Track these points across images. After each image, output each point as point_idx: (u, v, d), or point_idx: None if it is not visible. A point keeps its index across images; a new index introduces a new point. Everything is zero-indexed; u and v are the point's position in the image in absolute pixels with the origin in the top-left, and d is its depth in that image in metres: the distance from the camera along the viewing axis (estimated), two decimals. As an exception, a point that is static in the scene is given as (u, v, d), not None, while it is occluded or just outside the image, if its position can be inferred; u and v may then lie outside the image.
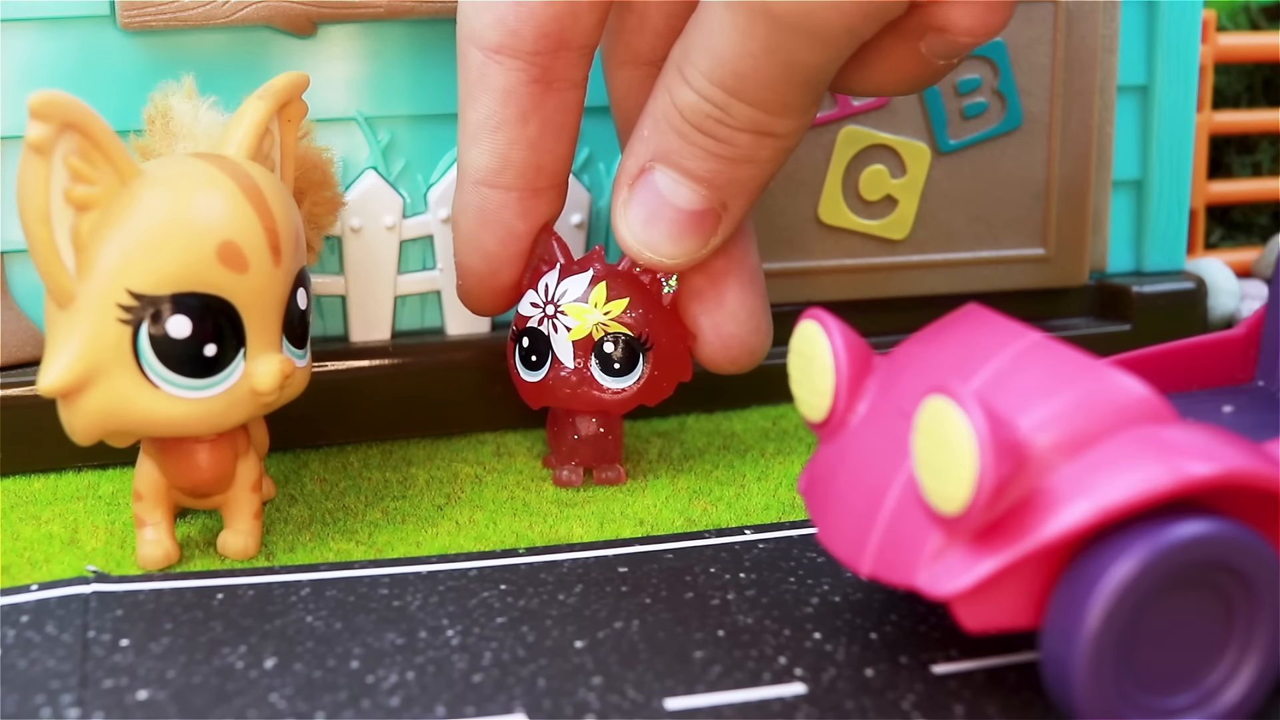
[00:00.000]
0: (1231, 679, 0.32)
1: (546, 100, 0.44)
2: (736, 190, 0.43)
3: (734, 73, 0.39)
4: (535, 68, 0.44)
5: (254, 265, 0.39)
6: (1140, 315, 0.59)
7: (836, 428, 0.36)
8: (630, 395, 0.46)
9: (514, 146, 0.44)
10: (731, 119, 0.41)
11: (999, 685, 0.35)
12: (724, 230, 0.43)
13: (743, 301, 0.47)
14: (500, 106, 0.44)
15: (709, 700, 0.34)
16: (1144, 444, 0.31)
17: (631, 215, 0.43)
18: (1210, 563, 0.31)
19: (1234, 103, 0.77)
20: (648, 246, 0.43)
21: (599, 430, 0.47)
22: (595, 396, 0.46)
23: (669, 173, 0.42)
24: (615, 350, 0.45)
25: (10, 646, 0.36)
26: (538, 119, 0.44)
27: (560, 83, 0.44)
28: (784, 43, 0.38)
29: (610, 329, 0.45)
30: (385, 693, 0.34)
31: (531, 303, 0.46)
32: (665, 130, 0.42)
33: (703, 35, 0.40)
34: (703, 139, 0.41)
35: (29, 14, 0.47)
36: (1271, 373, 0.41)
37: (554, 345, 0.46)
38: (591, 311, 0.45)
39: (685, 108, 0.41)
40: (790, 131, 0.41)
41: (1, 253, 0.48)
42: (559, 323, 0.46)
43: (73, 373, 0.37)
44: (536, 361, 0.46)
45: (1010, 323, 0.36)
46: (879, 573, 0.33)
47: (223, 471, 0.41)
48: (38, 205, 0.36)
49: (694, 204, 0.43)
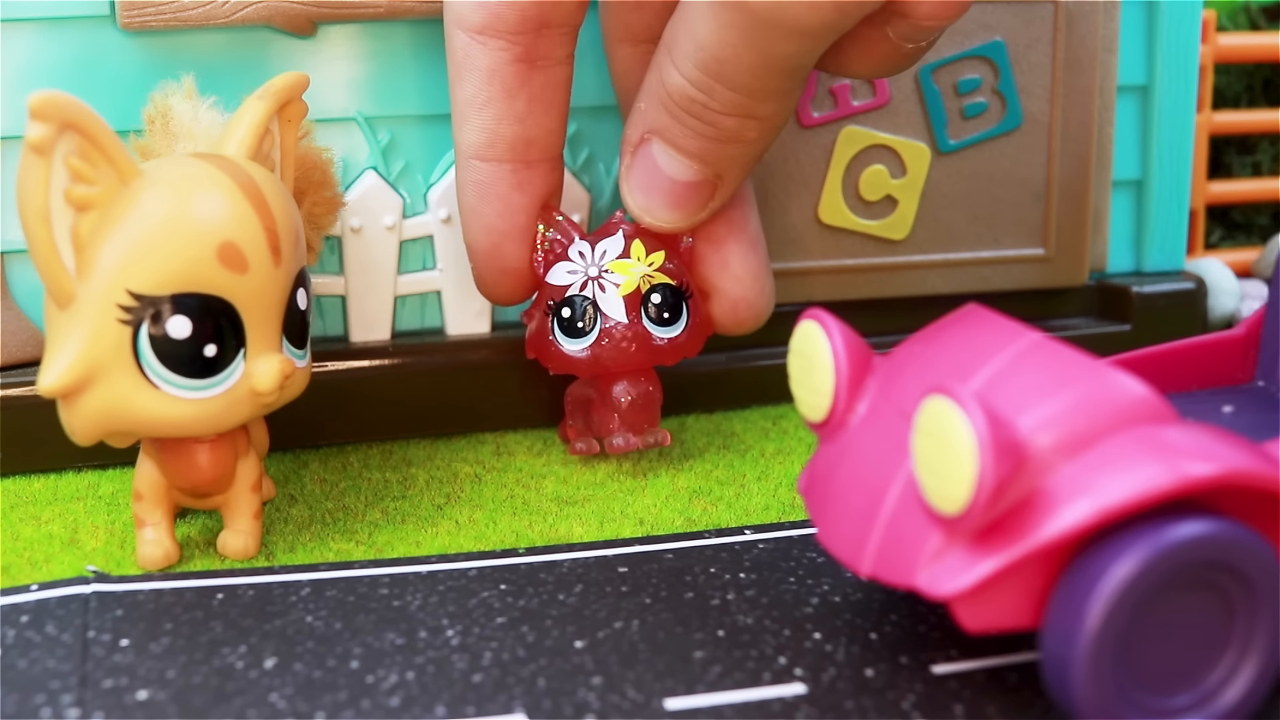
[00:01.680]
0: (1231, 679, 0.32)
1: (532, 77, 0.45)
2: (728, 164, 0.45)
3: (716, 58, 0.41)
4: (518, 47, 0.45)
5: (254, 265, 0.39)
6: (1140, 315, 0.59)
7: (836, 428, 0.36)
8: (680, 343, 0.47)
9: (502, 122, 0.46)
10: (715, 103, 0.42)
11: (999, 685, 0.35)
12: (720, 197, 0.46)
13: (746, 265, 0.48)
14: (486, 85, 0.45)
15: (709, 700, 0.34)
16: (1144, 444, 0.31)
17: (633, 181, 0.46)
18: (1210, 563, 0.31)
19: (1234, 103, 0.77)
20: (647, 212, 0.46)
21: (648, 389, 0.48)
22: (653, 347, 0.47)
23: (663, 146, 0.44)
24: (663, 300, 0.47)
25: (10, 646, 0.36)
26: (524, 95, 0.46)
27: (544, 60, 0.45)
28: (761, 35, 0.40)
29: (656, 279, 0.47)
30: (385, 693, 0.34)
31: (569, 271, 0.47)
32: (658, 107, 0.44)
33: (687, 23, 0.41)
34: (691, 120, 0.43)
35: (29, 14, 0.47)
36: (1271, 373, 0.41)
37: (602, 305, 0.46)
38: (636, 265, 0.46)
39: (673, 90, 0.43)
40: (774, 113, 0.43)
41: (1, 253, 0.48)
42: (605, 281, 0.46)
43: (72, 373, 0.37)
44: (582, 329, 0.47)
45: (1010, 323, 0.36)
46: (879, 573, 0.33)
47: (223, 472, 0.41)
48: (38, 205, 0.36)
49: (687, 175, 0.45)
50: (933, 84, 0.55)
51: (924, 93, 0.55)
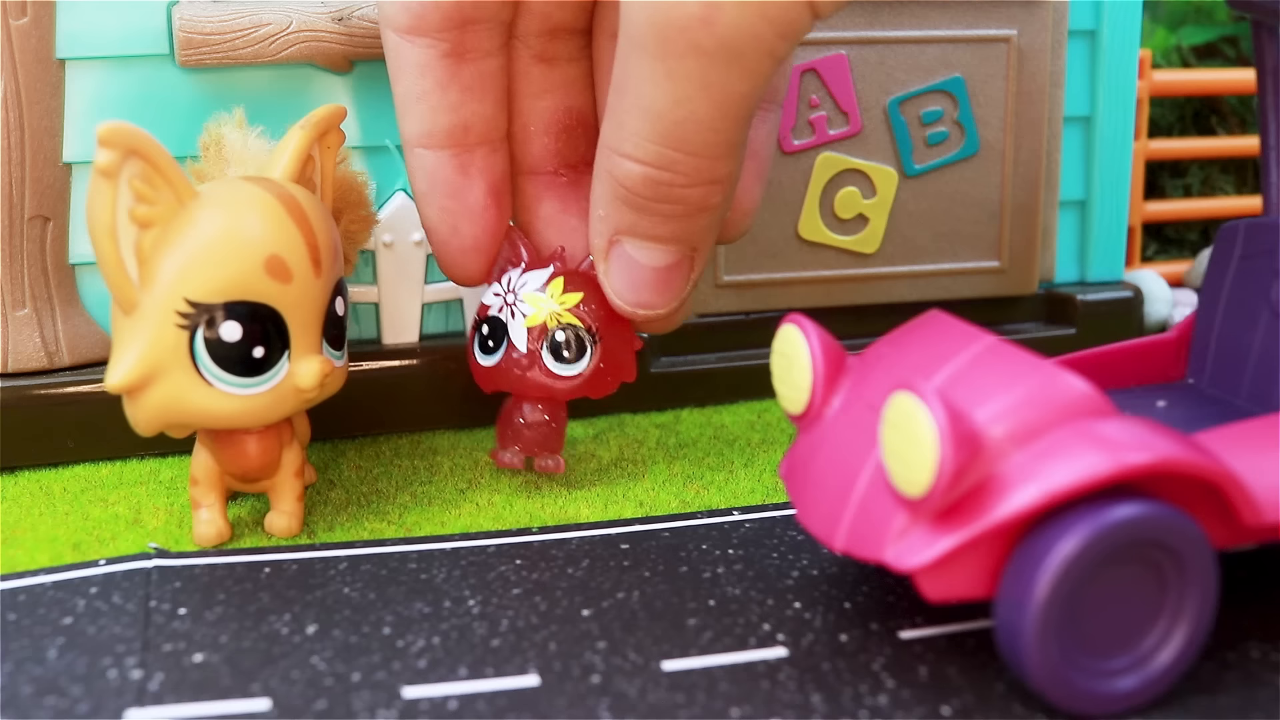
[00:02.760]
0: (1164, 644, 0.32)
1: (461, 70, 0.43)
2: (700, 235, 0.41)
3: (674, 123, 0.37)
4: (445, 43, 0.43)
5: (297, 276, 0.39)
6: (1084, 320, 0.58)
7: (813, 420, 0.36)
8: (576, 385, 0.44)
9: (437, 112, 0.43)
10: (679, 177, 0.39)
11: (959, 649, 0.35)
12: (699, 267, 0.42)
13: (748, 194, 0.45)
14: (419, 79, 0.43)
15: (701, 663, 0.34)
16: (1087, 435, 0.31)
17: (615, 284, 0.42)
18: (1145, 541, 0.31)
19: (1167, 132, 0.77)
20: (640, 306, 0.43)
21: (544, 418, 0.46)
22: (543, 381, 0.44)
23: (636, 243, 0.41)
24: (566, 339, 0.44)
25: (81, 615, 0.36)
26: (456, 87, 0.43)
27: (473, 54, 0.43)
28: (717, 76, 0.36)
29: (564, 319, 0.44)
30: (414, 656, 0.34)
31: (494, 293, 0.45)
32: (619, 208, 0.40)
33: (632, 98, 0.38)
34: (658, 206, 0.40)
35: (98, 53, 0.47)
36: (1200, 372, 0.41)
37: (510, 331, 0.44)
38: (547, 301, 0.44)
39: (632, 183, 0.39)
40: (730, 172, 0.40)
41: (73, 265, 0.48)
42: (517, 309, 0.44)
43: (136, 372, 0.37)
44: (492, 347, 0.45)
45: (968, 327, 0.36)
46: (851, 548, 0.33)
47: (269, 459, 0.41)
48: (105, 223, 0.36)
49: (666, 260, 0.42)
50: (900, 115, 0.55)
51: (892, 123, 0.55)
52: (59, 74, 0.47)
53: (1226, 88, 0.72)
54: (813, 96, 0.54)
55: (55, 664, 0.33)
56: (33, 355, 0.47)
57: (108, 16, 0.47)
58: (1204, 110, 0.77)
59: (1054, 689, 0.31)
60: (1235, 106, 0.78)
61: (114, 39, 0.47)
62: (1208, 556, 0.32)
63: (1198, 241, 0.76)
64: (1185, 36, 0.78)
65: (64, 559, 0.40)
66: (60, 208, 0.48)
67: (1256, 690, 0.33)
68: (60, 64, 0.47)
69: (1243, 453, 0.33)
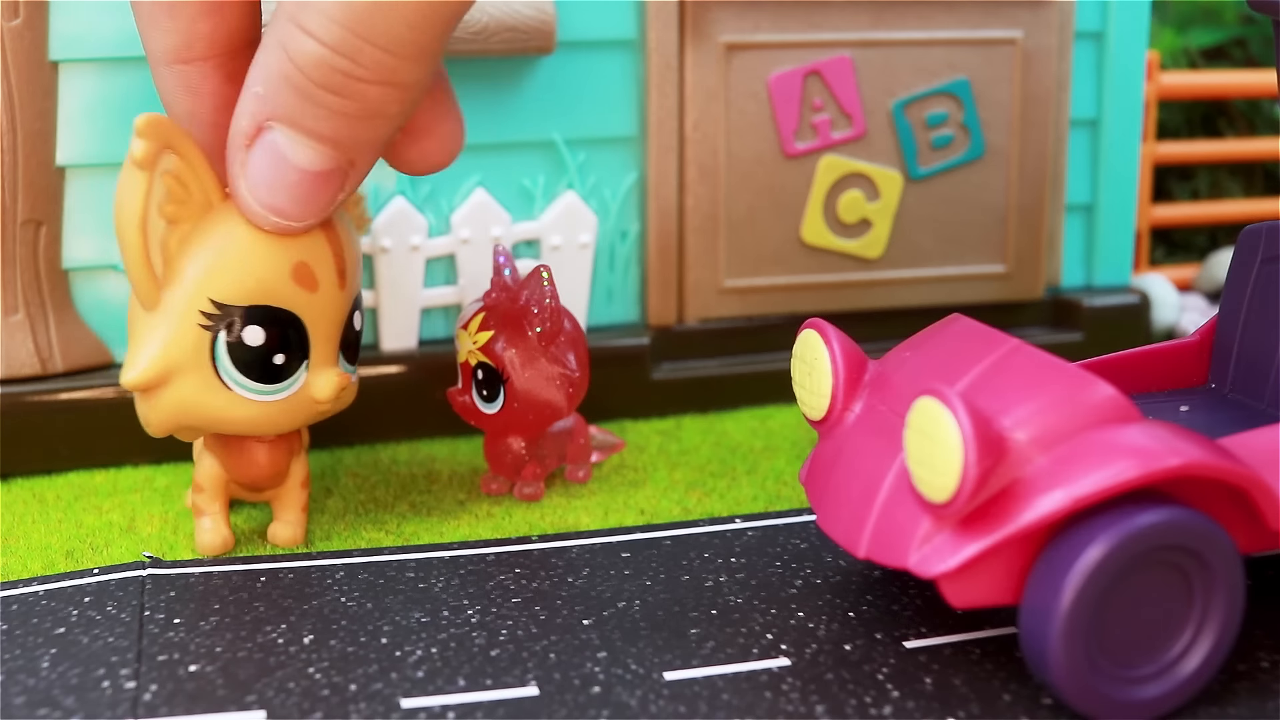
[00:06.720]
0: (1190, 651, 0.32)
1: None
2: (363, 147, 0.36)
3: (370, 6, 0.33)
4: None
5: (323, 286, 0.39)
6: (1090, 326, 0.58)
7: (834, 425, 0.36)
8: (499, 420, 0.44)
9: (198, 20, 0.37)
10: (360, 69, 0.34)
11: (965, 658, 0.35)
12: (350, 186, 0.37)
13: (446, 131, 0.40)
14: None
15: (703, 673, 0.34)
16: (1112, 440, 0.31)
17: (252, 179, 0.36)
18: (1172, 546, 0.31)
19: (1175, 135, 0.77)
20: (273, 210, 0.37)
21: (510, 444, 0.45)
22: (478, 415, 0.45)
23: (290, 133, 0.36)
24: (483, 377, 0.44)
25: (74, 624, 0.36)
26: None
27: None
28: None
29: (477, 357, 0.44)
30: (412, 666, 0.34)
31: None
32: (283, 88, 0.35)
33: None
34: (328, 97, 0.35)
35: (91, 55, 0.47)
36: (1222, 376, 0.41)
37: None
38: (466, 338, 0.44)
39: (306, 62, 0.34)
40: (417, 81, 0.35)
41: (66, 270, 0.48)
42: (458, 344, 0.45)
43: (154, 369, 0.37)
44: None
45: (991, 331, 0.36)
46: (874, 554, 0.33)
47: (279, 469, 0.41)
48: (135, 213, 0.36)
49: (319, 164, 0.36)
50: (904, 118, 0.55)
51: (897, 126, 0.55)
52: (52, 76, 0.47)
53: (1235, 90, 0.72)
54: (816, 99, 0.54)
55: (48, 674, 0.33)
56: (26, 361, 0.47)
57: (102, 18, 0.47)
58: (1212, 113, 0.77)
59: (1079, 696, 0.31)
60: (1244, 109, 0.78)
61: (108, 41, 0.47)
62: (1234, 562, 0.32)
63: (1206, 245, 0.76)
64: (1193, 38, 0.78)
65: (57, 567, 0.40)
66: (53, 212, 0.48)
67: (1266, 701, 0.33)
68: (54, 66, 0.47)
69: (1269, 457, 0.33)
